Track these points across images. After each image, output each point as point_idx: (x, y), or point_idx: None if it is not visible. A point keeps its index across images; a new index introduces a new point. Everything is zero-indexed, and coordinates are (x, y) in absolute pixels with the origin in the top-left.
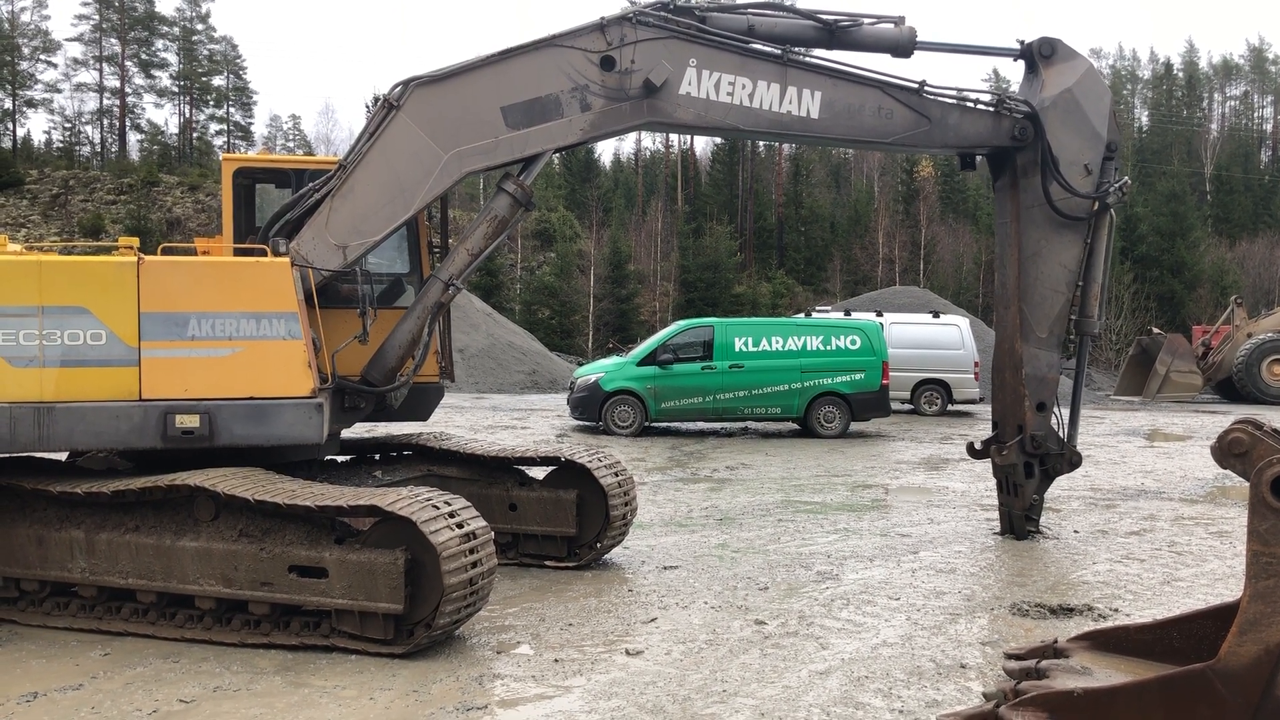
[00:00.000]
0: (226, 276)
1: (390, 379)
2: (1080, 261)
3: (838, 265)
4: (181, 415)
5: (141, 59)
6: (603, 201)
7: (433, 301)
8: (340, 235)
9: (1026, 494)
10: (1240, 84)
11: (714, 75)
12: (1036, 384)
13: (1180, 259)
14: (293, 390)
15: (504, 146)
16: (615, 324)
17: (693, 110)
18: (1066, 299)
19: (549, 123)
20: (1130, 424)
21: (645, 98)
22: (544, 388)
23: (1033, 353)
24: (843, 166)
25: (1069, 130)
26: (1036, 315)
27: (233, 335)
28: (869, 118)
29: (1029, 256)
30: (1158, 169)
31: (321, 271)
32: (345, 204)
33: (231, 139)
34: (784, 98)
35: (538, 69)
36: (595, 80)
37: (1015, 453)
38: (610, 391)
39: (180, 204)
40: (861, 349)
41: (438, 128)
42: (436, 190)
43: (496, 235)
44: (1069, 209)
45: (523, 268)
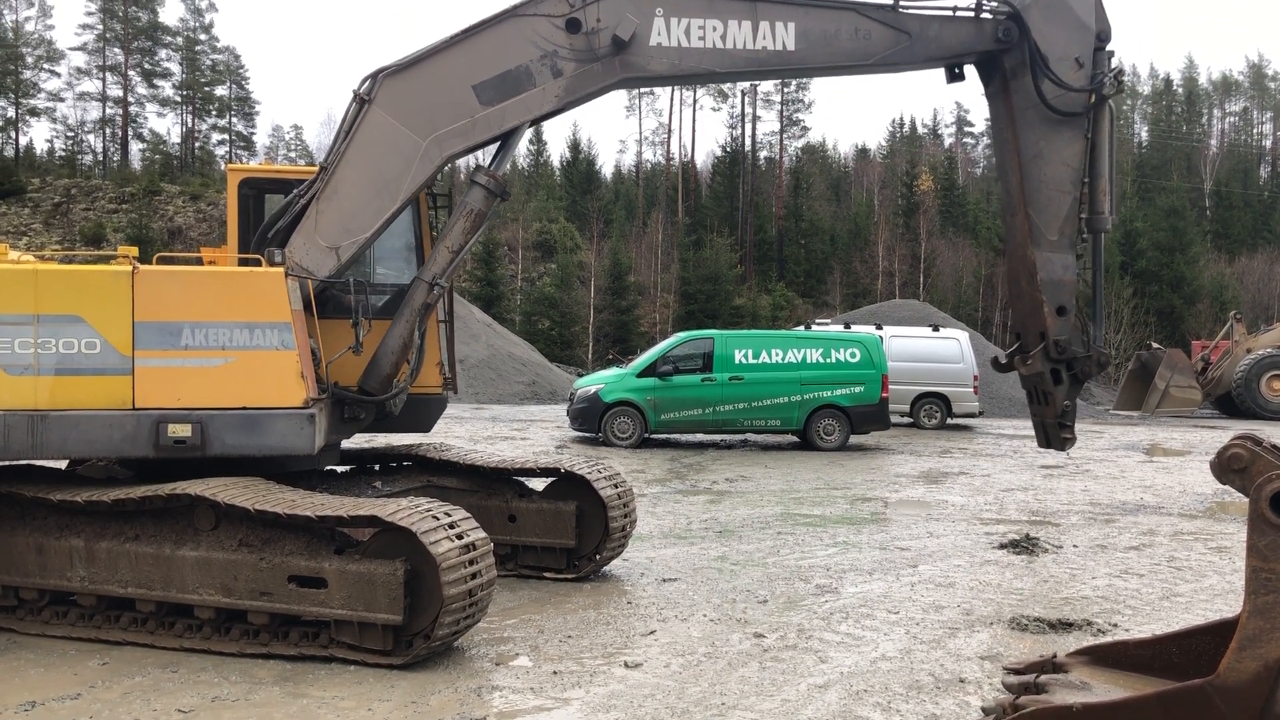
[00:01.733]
0: (220, 286)
1: (386, 387)
2: (1083, 158)
3: (838, 278)
4: (174, 424)
5: (144, 68)
6: (603, 213)
7: (419, 303)
8: (331, 237)
9: (1058, 401)
10: (1240, 100)
11: (683, 22)
12: (1053, 288)
13: (1180, 274)
14: (285, 400)
15: (481, 124)
16: (615, 335)
17: (666, 60)
18: (1073, 198)
19: (523, 94)
20: (1129, 439)
21: (616, 55)
22: (544, 399)
23: (1046, 257)
24: (843, 180)
25: (1054, 25)
26: (1045, 218)
27: (226, 345)
28: (847, 41)
29: (1029, 160)
30: (1157, 184)
31: (320, 279)
32: (331, 205)
33: (233, 149)
34: (757, 34)
35: (504, 42)
36: (563, 44)
37: (1040, 360)
38: (610, 403)
39: (182, 213)
40: (861, 362)
41: (412, 115)
42: (420, 178)
43: (475, 229)
44: (1064, 105)
45: (523, 278)
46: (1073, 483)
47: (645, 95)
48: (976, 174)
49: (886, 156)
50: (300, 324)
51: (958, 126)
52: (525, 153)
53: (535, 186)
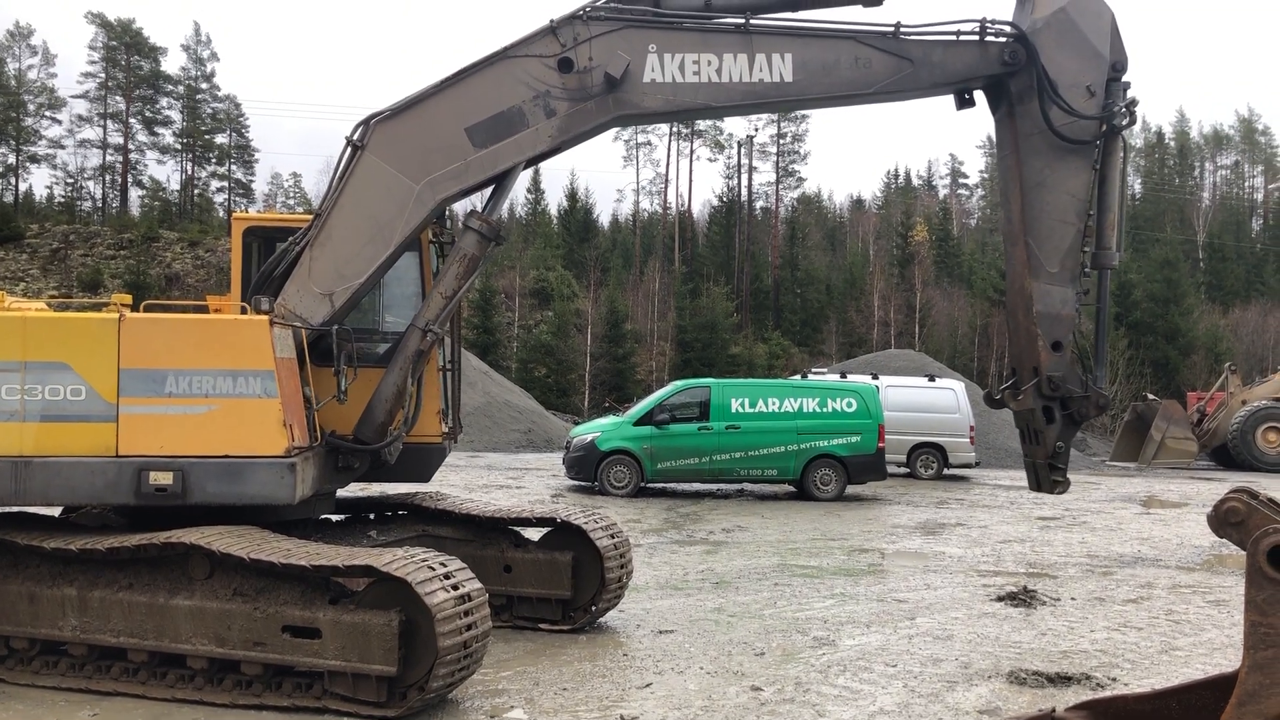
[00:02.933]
0: (204, 334)
1: (381, 435)
2: (1089, 189)
3: (833, 327)
4: (156, 472)
5: (145, 116)
6: (600, 261)
7: (412, 350)
8: (324, 283)
9: (1049, 440)
10: (1231, 154)
11: (677, 57)
12: (1050, 321)
13: (1175, 325)
14: (266, 449)
15: (474, 167)
16: (612, 383)
17: (661, 96)
18: (1077, 230)
19: (516, 135)
20: (1126, 490)
21: (610, 92)
22: (539, 447)
23: (1044, 289)
24: (838, 230)
25: (1066, 51)
26: (1045, 249)
27: (209, 393)
28: (846, 70)
29: (1032, 187)
30: (1151, 236)
31: (313, 326)
32: (325, 251)
33: (233, 196)
34: (754, 66)
35: (495, 84)
36: (556, 84)
37: (1032, 396)
38: (606, 451)
39: (180, 259)
40: (858, 411)
41: (405, 160)
42: (414, 222)
43: (469, 274)
44: (1072, 133)
45: (520, 326)
46: (1070, 534)
47: (643, 146)
48: (971, 225)
49: (881, 207)
50: (288, 372)
51: (952, 178)
52: (523, 201)
53: (533, 234)
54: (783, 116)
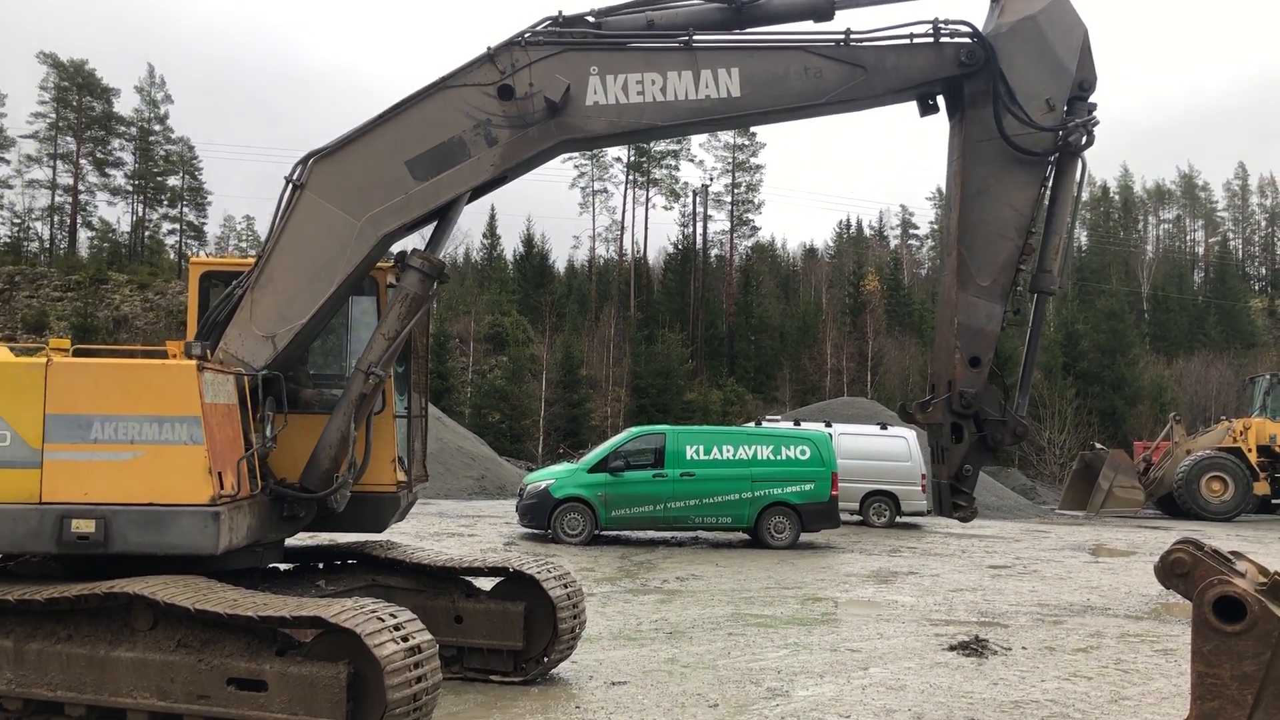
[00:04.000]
0: (131, 379)
1: (326, 482)
2: (1034, 205)
3: (787, 375)
4: (78, 520)
5: (97, 157)
6: (556, 307)
7: (355, 394)
8: (266, 326)
9: (954, 459)
10: (1173, 209)
11: (620, 78)
12: (970, 335)
13: (1121, 375)
14: (190, 497)
15: (416, 200)
16: (566, 429)
17: (604, 119)
18: (1015, 246)
19: (458, 165)
20: (1075, 539)
21: (552, 117)
22: (493, 493)
23: (970, 301)
24: (792, 278)
25: (1029, 60)
26: (978, 260)
27: (134, 439)
28: (796, 81)
29: (973, 194)
30: (1097, 287)
31: (255, 369)
32: (266, 293)
33: (184, 238)
34: (700, 83)
35: (435, 115)
36: (496, 112)
37: (941, 410)
38: (560, 499)
39: (128, 302)
40: (811, 459)
41: (346, 197)
42: (356, 260)
43: (412, 314)
44: (1024, 143)
45: (474, 371)
46: (1020, 583)
47: (599, 193)
48: (921, 275)
49: (834, 256)
50: (220, 418)
51: (903, 229)
52: (479, 246)
53: (488, 279)
54: (737, 166)
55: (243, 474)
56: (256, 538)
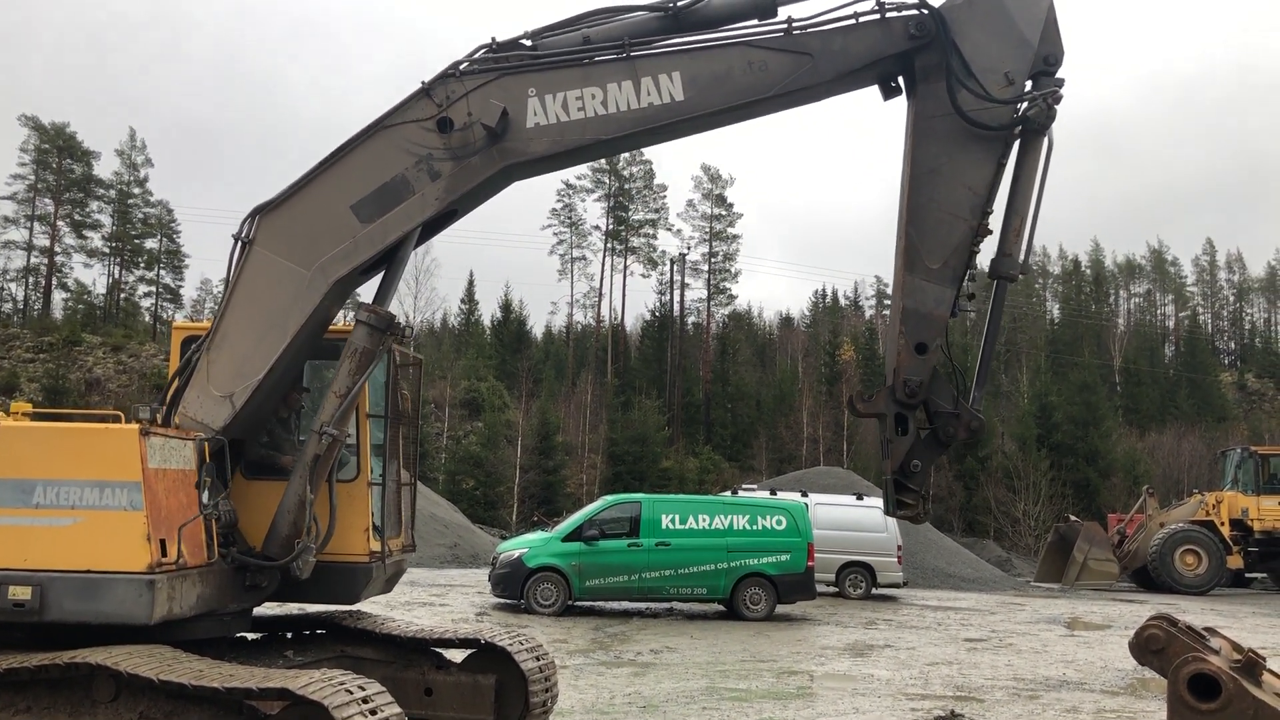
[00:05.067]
0: (74, 442)
1: (287, 549)
2: (990, 186)
3: (764, 443)
4: (15, 586)
5: (74, 219)
6: (533, 372)
7: (310, 455)
8: (223, 385)
9: (897, 453)
10: (1143, 283)
11: (559, 96)
12: (917, 320)
13: (1094, 447)
14: (127, 564)
15: (363, 243)
16: (541, 496)
17: (547, 139)
18: (969, 228)
19: (403, 203)
20: (1051, 611)
21: (492, 144)
22: (465, 562)
23: (918, 284)
24: (768, 347)
25: (988, 33)
26: (928, 242)
27: (75, 504)
28: (741, 77)
29: (924, 172)
30: (1069, 360)
31: (215, 430)
32: (222, 353)
33: (160, 301)
34: (641, 91)
35: (376, 155)
36: (437, 146)
37: (884, 400)
38: (533, 568)
39: (101, 364)
40: (787, 530)
41: (294, 248)
42: (308, 309)
43: (362, 370)
44: (980, 118)
45: (449, 437)
46: (996, 656)
47: (578, 260)
48: None
49: (810, 326)
50: (167, 484)
51: (877, 299)
52: (456, 311)
53: (465, 345)
54: (714, 235)
55: (194, 541)
56: (212, 607)
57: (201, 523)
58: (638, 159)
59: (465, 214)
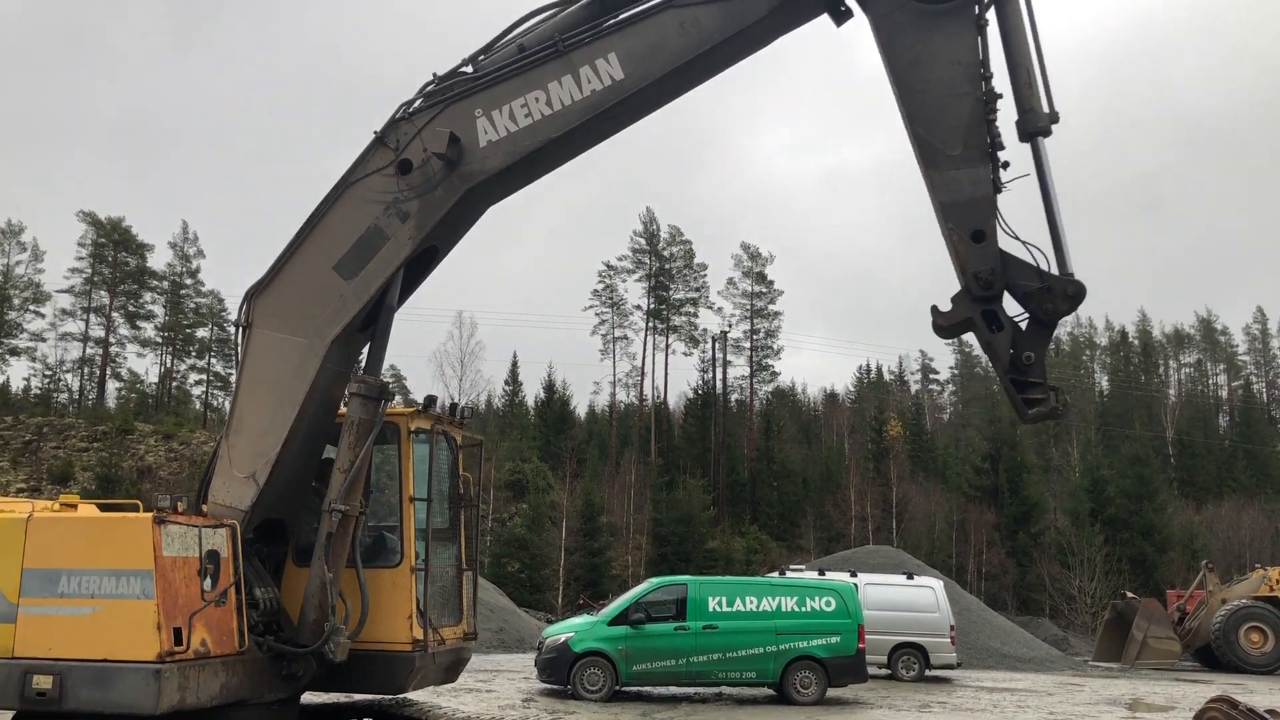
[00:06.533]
0: (94, 533)
1: (317, 634)
2: (976, 51)
3: (811, 522)
4: (39, 675)
5: (128, 310)
6: (577, 453)
7: (323, 535)
8: (245, 466)
9: (1000, 350)
10: (1193, 353)
11: (505, 108)
12: (961, 210)
13: (1149, 521)
14: (137, 653)
15: (351, 298)
16: (586, 578)
17: (501, 152)
18: (974, 99)
19: (379, 252)
20: (1111, 692)
21: (451, 172)
22: (511, 646)
23: (947, 176)
24: (813, 423)
25: None
26: (940, 130)
27: (95, 593)
28: (676, 39)
29: (906, 68)
30: (1120, 432)
31: (244, 509)
32: (240, 436)
33: (210, 389)
34: (582, 81)
35: (347, 213)
36: (402, 189)
37: (964, 304)
38: (580, 653)
39: (153, 452)
40: (837, 611)
41: (290, 320)
42: (311, 375)
43: (362, 441)
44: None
45: (494, 519)
46: None
47: (620, 340)
48: (944, 419)
49: (855, 402)
50: (183, 572)
51: (923, 374)
52: (500, 393)
53: (510, 426)
54: (755, 313)
55: (222, 629)
56: (243, 696)
57: (232, 610)
58: (678, 239)
59: (448, 251)
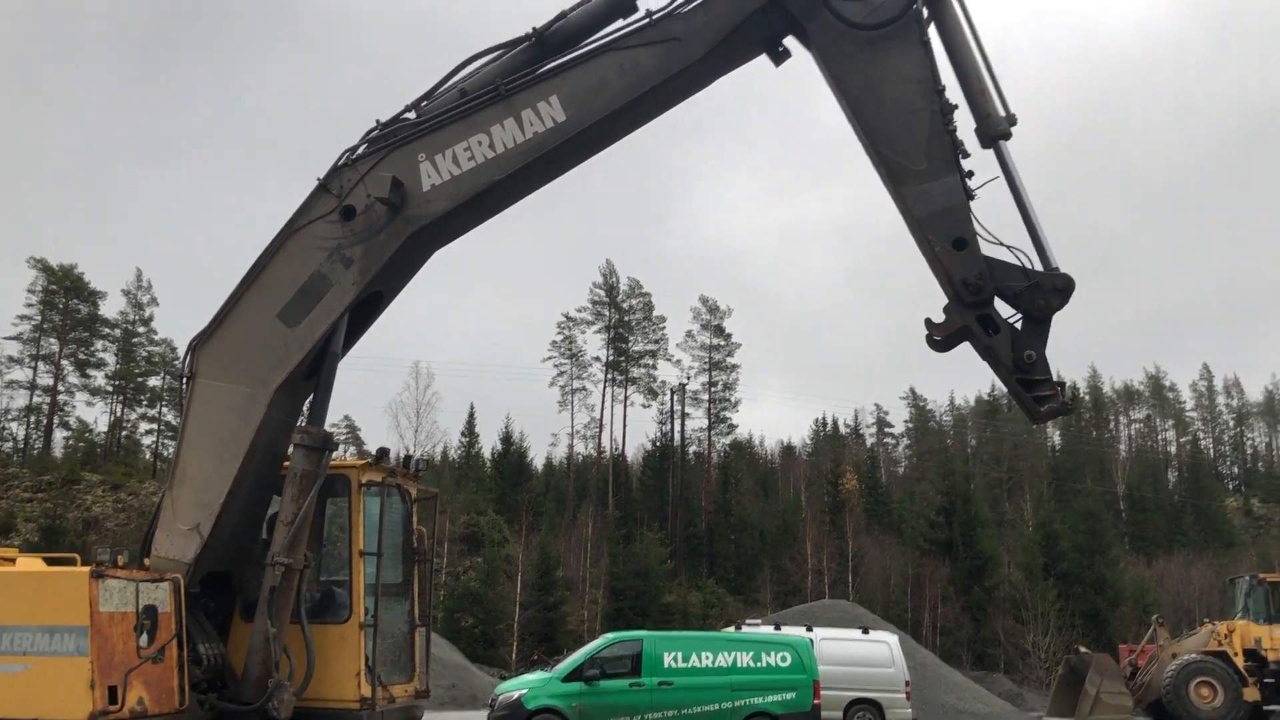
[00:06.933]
0: (28, 588)
1: (260, 691)
2: (925, 67)
3: (767, 575)
4: None
5: (79, 358)
6: (533, 505)
7: (266, 589)
8: (189, 518)
9: (1002, 352)
10: (1142, 409)
11: (448, 153)
12: (939, 220)
13: (1101, 576)
14: (69, 713)
15: (295, 345)
16: (541, 633)
17: (445, 195)
18: (931, 113)
19: (323, 298)
20: None
21: (395, 217)
22: (464, 703)
23: (918, 190)
24: (770, 476)
25: None
26: (902, 147)
27: (27, 650)
28: (617, 81)
29: (859, 93)
30: (1072, 487)
31: (188, 562)
32: (183, 488)
33: (161, 438)
34: (523, 124)
35: (291, 261)
36: (345, 235)
37: (956, 314)
38: (533, 710)
39: (100, 503)
40: (792, 666)
41: (232, 369)
42: (255, 423)
43: (305, 493)
44: (875, 16)
45: (448, 573)
46: None
47: (578, 391)
48: (899, 473)
49: (811, 455)
50: (120, 629)
51: (878, 427)
52: (457, 444)
53: (465, 479)
54: (714, 365)
55: (161, 687)
56: None
57: (173, 667)
58: (638, 291)
59: (393, 296)
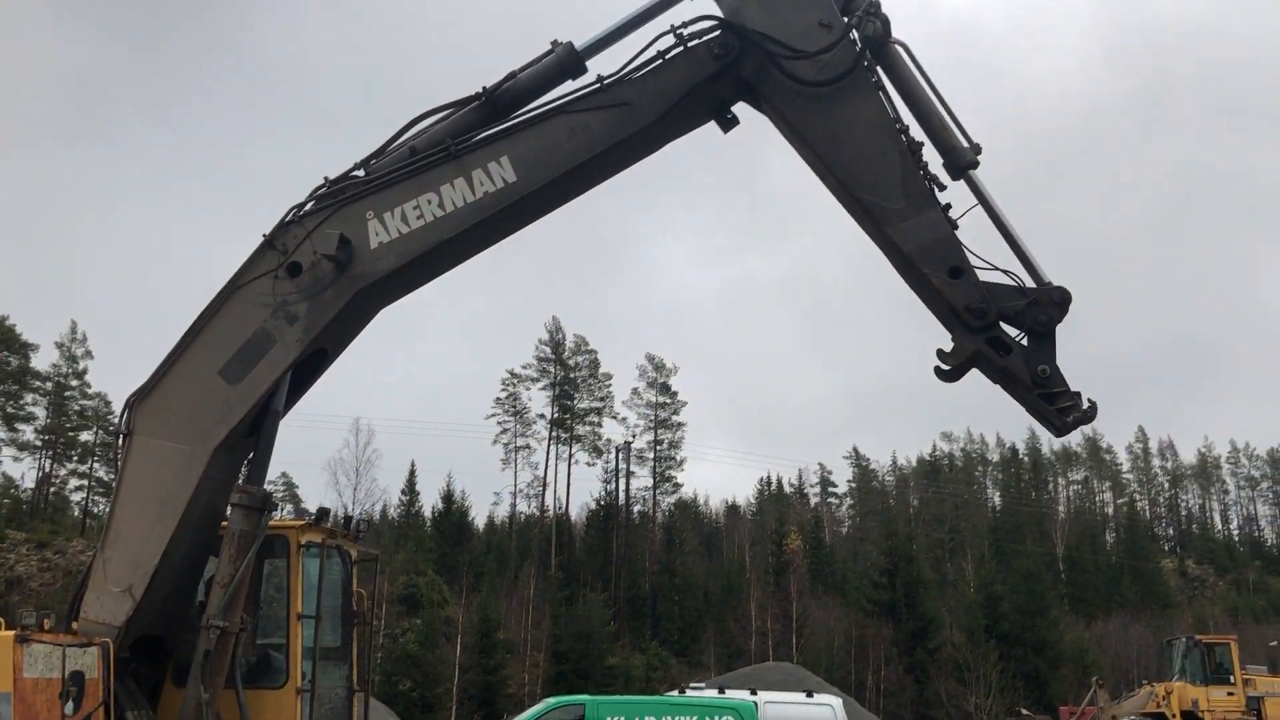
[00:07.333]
0: None
1: None
2: (885, 110)
3: (712, 637)
4: None
5: (7, 412)
6: (474, 565)
7: (202, 653)
8: (121, 580)
9: (1018, 370)
10: (1080, 470)
11: (397, 211)
12: (930, 252)
13: (1042, 637)
14: None
15: (236, 403)
16: (481, 697)
17: (392, 254)
18: (900, 151)
19: (267, 355)
20: None
21: (341, 274)
22: None
23: (904, 228)
24: (714, 535)
25: (780, 6)
26: (880, 189)
27: None
28: (567, 143)
29: (826, 144)
30: (1013, 548)
31: (118, 625)
32: (116, 548)
33: (91, 495)
34: (474, 184)
35: (234, 317)
36: (290, 292)
37: (964, 341)
38: None
39: (24, 561)
40: None
41: (172, 427)
42: (193, 483)
43: (243, 554)
44: (828, 72)
45: (386, 635)
46: None
47: (522, 449)
48: (842, 532)
49: (756, 514)
50: (44, 696)
51: (822, 486)
52: (397, 502)
53: (405, 538)
54: (659, 424)
55: None
56: None
57: None
58: (584, 348)
59: (337, 354)
